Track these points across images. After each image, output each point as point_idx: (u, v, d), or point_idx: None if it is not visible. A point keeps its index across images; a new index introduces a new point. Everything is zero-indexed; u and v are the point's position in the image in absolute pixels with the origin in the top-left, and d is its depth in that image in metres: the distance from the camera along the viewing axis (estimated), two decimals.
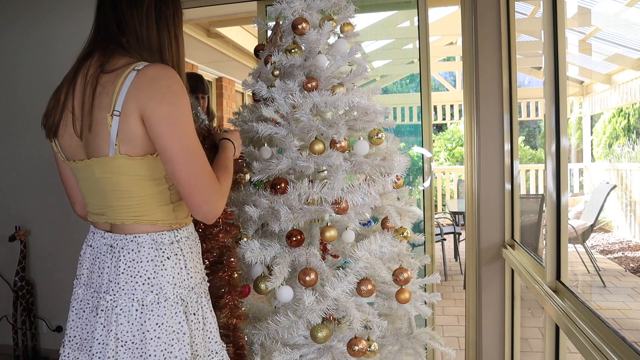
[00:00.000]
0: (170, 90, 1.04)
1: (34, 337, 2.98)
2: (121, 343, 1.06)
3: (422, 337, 1.64)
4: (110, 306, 1.08)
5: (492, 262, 2.30)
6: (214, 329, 1.19)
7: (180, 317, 1.09)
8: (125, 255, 1.09)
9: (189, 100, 1.08)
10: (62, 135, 1.12)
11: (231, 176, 1.22)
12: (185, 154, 1.04)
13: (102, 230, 1.16)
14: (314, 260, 1.39)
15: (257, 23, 1.73)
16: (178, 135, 1.03)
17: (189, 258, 1.15)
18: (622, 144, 6.55)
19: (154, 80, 1.04)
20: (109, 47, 1.11)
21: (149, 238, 1.10)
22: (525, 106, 7.87)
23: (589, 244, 4.73)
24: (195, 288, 1.15)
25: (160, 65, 1.07)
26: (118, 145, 1.05)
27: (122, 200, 1.10)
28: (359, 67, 1.56)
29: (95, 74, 1.07)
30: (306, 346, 1.45)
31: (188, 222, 1.20)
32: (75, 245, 1.20)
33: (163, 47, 1.14)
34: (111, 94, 1.04)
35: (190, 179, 1.04)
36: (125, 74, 1.04)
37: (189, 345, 1.09)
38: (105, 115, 1.04)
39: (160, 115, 1.02)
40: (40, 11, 2.91)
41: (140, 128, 1.04)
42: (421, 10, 2.56)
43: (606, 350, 1.12)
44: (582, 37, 5.55)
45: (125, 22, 1.11)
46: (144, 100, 1.02)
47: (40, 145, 2.87)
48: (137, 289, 1.07)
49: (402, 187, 1.65)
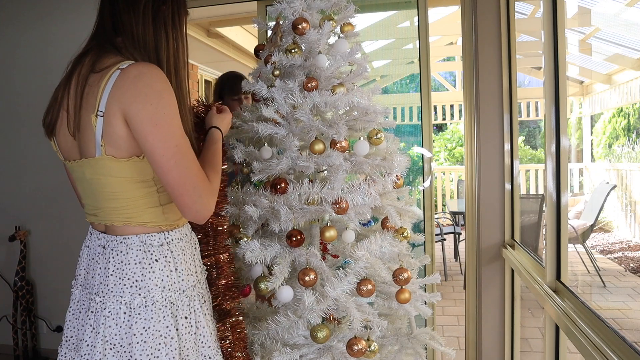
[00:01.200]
0: (153, 90, 1.00)
1: (34, 337, 2.98)
2: (109, 346, 1.05)
3: (422, 337, 1.64)
4: (99, 308, 1.07)
5: (492, 262, 2.30)
6: (208, 333, 1.15)
7: (168, 321, 1.07)
8: (115, 257, 1.08)
9: (174, 99, 1.04)
10: (59, 135, 1.12)
11: (220, 171, 1.19)
12: (171, 155, 1.00)
13: (98, 230, 1.15)
14: (314, 260, 1.39)
15: (257, 23, 1.73)
16: (162, 136, 1.00)
17: (181, 260, 1.12)
18: (622, 144, 6.55)
19: (136, 79, 1.00)
20: (104, 47, 1.09)
21: (138, 240, 1.08)
22: (525, 106, 7.87)
23: (589, 244, 4.73)
24: (187, 291, 1.12)
25: (144, 64, 1.04)
26: (104, 146, 1.03)
27: (111, 202, 1.08)
28: (359, 67, 1.56)
29: (86, 74, 1.06)
30: (306, 346, 1.45)
31: (182, 224, 1.17)
32: (75, 246, 1.20)
33: (159, 47, 1.11)
34: (96, 94, 1.02)
35: (178, 180, 1.01)
36: (109, 74, 1.02)
37: (177, 350, 1.07)
38: (91, 115, 1.02)
39: (144, 116, 0.99)
40: (39, 10, 2.91)
41: (124, 129, 1.01)
42: (421, 10, 2.56)
43: (606, 350, 1.12)
44: (582, 37, 5.55)
45: (121, 20, 1.10)
46: (127, 100, 0.99)
47: (40, 145, 2.87)
48: (125, 291, 1.06)
49: (402, 187, 1.65)
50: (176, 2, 1.16)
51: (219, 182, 1.16)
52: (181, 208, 1.05)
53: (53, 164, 1.27)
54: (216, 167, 1.17)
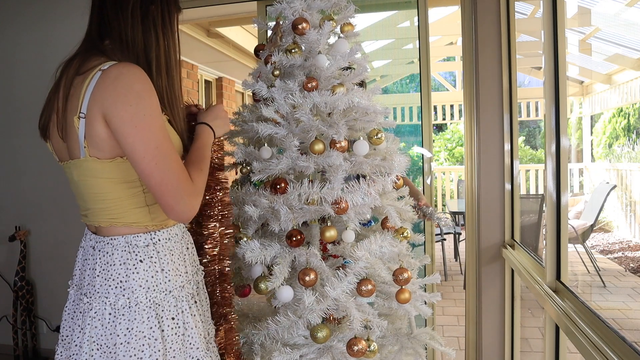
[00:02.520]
0: (132, 91, 0.99)
1: (34, 337, 2.98)
2: (96, 346, 1.05)
3: (422, 337, 1.64)
4: (87, 308, 1.07)
5: (492, 262, 2.30)
6: (197, 334, 1.13)
7: (152, 322, 1.06)
8: (101, 258, 1.08)
9: (155, 99, 1.03)
10: (52, 137, 1.12)
11: (207, 169, 1.17)
12: (152, 157, 1.00)
13: (90, 231, 1.16)
14: (314, 260, 1.39)
15: (257, 23, 1.73)
16: (142, 138, 0.99)
17: (167, 261, 1.11)
18: (622, 144, 6.55)
19: (116, 80, 1.00)
20: (91, 49, 1.09)
21: (123, 240, 1.08)
22: (525, 106, 7.87)
23: (589, 244, 4.73)
24: (174, 292, 1.11)
25: (124, 64, 1.03)
26: (87, 147, 1.03)
27: (97, 203, 1.09)
28: (359, 67, 1.56)
29: (71, 77, 1.06)
30: (306, 346, 1.45)
31: (171, 224, 1.16)
32: (75, 246, 1.20)
33: (148, 48, 1.10)
34: (78, 96, 1.02)
35: (159, 182, 1.01)
36: (91, 75, 1.02)
37: (161, 351, 1.06)
38: (73, 117, 1.02)
39: (123, 117, 0.98)
40: (38, 10, 2.91)
41: (105, 131, 1.01)
42: (421, 10, 2.56)
43: (606, 350, 1.12)
44: (582, 37, 5.55)
45: (109, 23, 1.09)
46: (106, 102, 0.99)
47: (40, 145, 2.86)
48: (110, 292, 1.06)
49: (402, 187, 1.65)
50: (166, 1, 1.14)
51: (204, 181, 1.14)
52: (164, 209, 1.04)
53: (53, 164, 1.28)
54: (200, 166, 1.15)
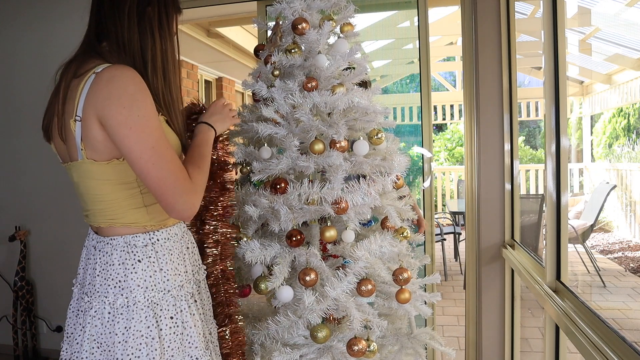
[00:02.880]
0: (125, 93, 1.00)
1: (34, 337, 2.98)
2: (96, 344, 1.07)
3: (422, 337, 1.64)
4: (87, 307, 1.09)
5: (492, 262, 2.30)
6: (195, 333, 1.13)
7: (150, 322, 1.07)
8: (101, 258, 1.10)
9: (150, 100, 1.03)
10: (55, 139, 1.13)
11: (206, 167, 1.17)
12: (148, 157, 1.00)
13: (92, 231, 1.17)
14: (314, 260, 1.39)
15: (257, 23, 1.73)
16: (137, 139, 1.00)
17: (166, 260, 1.12)
18: (622, 144, 6.55)
19: (109, 82, 1.00)
20: (89, 51, 1.10)
21: (122, 241, 1.09)
22: (525, 106, 7.87)
23: (589, 244, 4.73)
24: (173, 291, 1.11)
25: (117, 66, 1.03)
26: (84, 150, 1.04)
27: (96, 204, 1.10)
28: (359, 67, 1.56)
29: (69, 80, 1.07)
30: (306, 346, 1.45)
31: (170, 224, 1.17)
32: (75, 246, 1.21)
33: (145, 50, 1.10)
34: (74, 99, 1.03)
35: (157, 182, 1.01)
36: (86, 78, 1.02)
37: (159, 350, 1.06)
38: (70, 120, 1.03)
39: (118, 119, 0.99)
40: (38, 10, 2.91)
41: (100, 133, 1.02)
42: (421, 10, 2.56)
43: (606, 350, 1.12)
44: (582, 37, 5.55)
45: (106, 25, 1.10)
46: (100, 104, 0.99)
47: (40, 145, 2.86)
48: (109, 291, 1.07)
49: (402, 187, 1.65)
50: (163, 2, 1.14)
51: (204, 179, 1.15)
52: (164, 208, 1.05)
53: (53, 164, 1.28)
54: (199, 163, 1.16)
